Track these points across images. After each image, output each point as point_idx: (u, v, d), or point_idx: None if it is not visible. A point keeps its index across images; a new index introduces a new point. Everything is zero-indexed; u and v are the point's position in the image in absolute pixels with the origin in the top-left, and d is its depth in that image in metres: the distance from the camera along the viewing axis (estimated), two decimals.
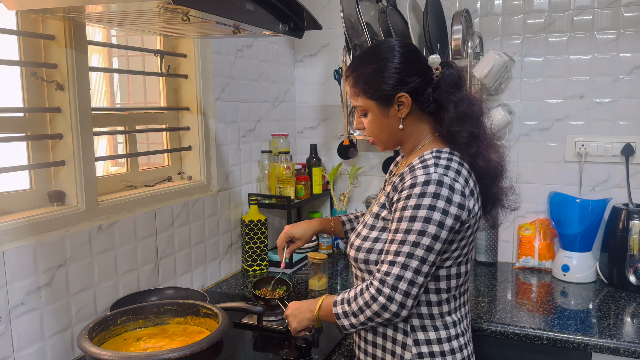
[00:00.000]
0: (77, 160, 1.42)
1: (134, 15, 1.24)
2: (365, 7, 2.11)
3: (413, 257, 1.12)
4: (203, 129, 1.91)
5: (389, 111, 1.23)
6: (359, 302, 1.16)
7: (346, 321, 1.19)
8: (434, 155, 1.20)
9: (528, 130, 2.20)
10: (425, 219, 1.12)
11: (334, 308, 1.21)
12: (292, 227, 1.51)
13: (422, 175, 1.15)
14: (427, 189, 1.13)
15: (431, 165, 1.17)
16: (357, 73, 1.24)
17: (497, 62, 2.01)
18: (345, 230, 1.57)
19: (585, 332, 1.54)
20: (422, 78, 1.21)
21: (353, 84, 1.25)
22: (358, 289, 1.18)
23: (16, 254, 1.24)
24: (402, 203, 1.16)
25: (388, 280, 1.12)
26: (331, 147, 2.55)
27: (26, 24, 1.34)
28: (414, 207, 1.13)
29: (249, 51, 2.17)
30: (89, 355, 1.12)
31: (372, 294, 1.14)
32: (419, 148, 1.27)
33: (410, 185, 1.15)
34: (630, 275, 1.88)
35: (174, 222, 1.77)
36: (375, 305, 1.13)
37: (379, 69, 1.21)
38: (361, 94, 1.24)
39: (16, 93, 1.36)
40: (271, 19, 1.44)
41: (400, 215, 1.15)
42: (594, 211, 2.00)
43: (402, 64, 1.21)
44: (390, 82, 1.20)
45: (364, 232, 1.28)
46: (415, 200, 1.13)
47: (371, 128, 1.27)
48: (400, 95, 1.20)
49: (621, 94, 2.05)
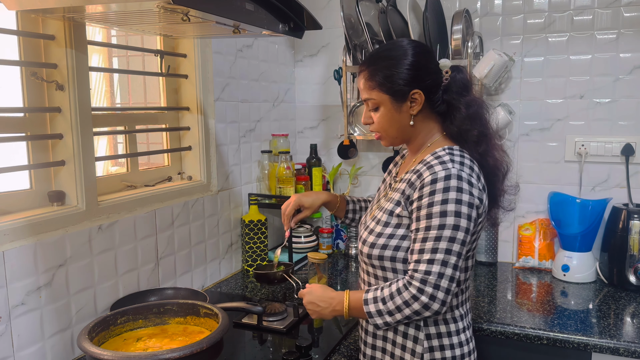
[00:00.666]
0: (77, 160, 1.42)
1: (134, 15, 1.24)
2: (365, 7, 2.11)
3: (451, 253, 1.14)
4: (203, 129, 1.91)
5: (401, 107, 1.26)
6: (397, 302, 1.16)
7: (380, 320, 1.19)
8: (447, 152, 1.23)
9: (528, 130, 2.20)
10: (456, 213, 1.15)
11: (365, 307, 1.20)
12: (302, 196, 1.50)
13: (442, 171, 1.17)
14: (449, 184, 1.16)
15: (447, 161, 1.20)
16: (374, 67, 1.26)
17: (497, 62, 2.01)
18: (347, 210, 1.57)
19: (585, 332, 1.54)
20: (434, 78, 1.26)
21: (368, 77, 1.27)
22: (394, 288, 1.18)
23: (16, 254, 1.24)
24: (426, 199, 1.17)
25: (430, 279, 1.13)
26: (331, 147, 2.55)
27: (26, 24, 1.34)
28: (442, 202, 1.15)
29: (249, 51, 2.17)
30: (89, 355, 1.12)
31: (413, 294, 1.14)
32: (427, 146, 1.30)
33: (431, 181, 1.17)
34: (630, 275, 1.88)
35: (174, 222, 1.77)
36: (417, 305, 1.14)
37: (396, 64, 1.24)
38: (376, 88, 1.26)
39: (16, 93, 1.36)
40: (271, 19, 1.44)
41: (429, 212, 1.16)
42: (594, 211, 2.00)
43: (418, 63, 1.24)
44: (406, 78, 1.23)
45: (377, 228, 1.28)
46: (441, 195, 1.16)
47: (381, 123, 1.29)
48: (415, 91, 1.24)
49: (621, 94, 2.05)
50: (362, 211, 1.59)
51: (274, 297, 1.88)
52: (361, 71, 1.30)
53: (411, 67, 1.23)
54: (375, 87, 1.26)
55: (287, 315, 1.65)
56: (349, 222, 1.60)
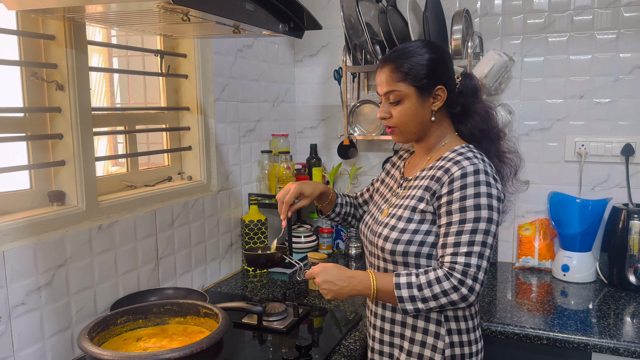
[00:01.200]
0: (77, 160, 1.42)
1: (134, 15, 1.24)
2: (365, 7, 2.11)
3: (486, 246, 1.18)
4: (203, 129, 1.91)
5: (425, 102, 1.28)
6: (435, 290, 1.17)
7: (411, 305, 1.18)
8: (468, 150, 1.27)
9: (528, 130, 2.20)
10: (489, 207, 1.18)
11: (397, 291, 1.19)
12: (302, 184, 1.47)
13: (470, 166, 1.21)
14: (479, 178, 1.19)
15: (472, 157, 1.23)
16: (402, 60, 1.28)
17: (497, 62, 2.01)
18: (336, 204, 1.55)
19: (585, 332, 1.54)
20: (453, 79, 1.32)
21: (395, 69, 1.28)
22: (432, 276, 1.18)
23: (16, 254, 1.24)
24: (458, 193, 1.20)
25: (470, 271, 1.16)
26: (331, 147, 2.55)
27: (26, 24, 1.34)
28: (474, 196, 1.18)
29: (249, 51, 2.17)
30: (89, 355, 1.12)
31: (454, 285, 1.16)
32: (442, 144, 1.33)
33: (461, 175, 1.20)
34: (630, 275, 1.88)
35: (174, 222, 1.77)
36: (456, 295, 1.16)
37: (423, 60, 1.27)
38: (403, 80, 1.27)
39: (16, 93, 1.36)
40: (271, 19, 1.44)
41: (462, 205, 1.19)
42: (594, 211, 2.00)
43: (442, 60, 1.30)
44: (432, 73, 1.27)
45: (400, 224, 1.28)
46: (473, 189, 1.19)
47: (403, 116, 1.30)
48: (439, 87, 1.27)
49: (621, 94, 2.05)
50: (347, 206, 1.58)
51: (274, 297, 1.88)
52: (385, 64, 1.30)
53: (436, 63, 1.27)
54: (402, 79, 1.27)
55: (287, 315, 1.65)
56: (334, 216, 1.57)
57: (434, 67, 1.27)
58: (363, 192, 1.63)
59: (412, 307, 1.19)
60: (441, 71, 1.29)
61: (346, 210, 1.58)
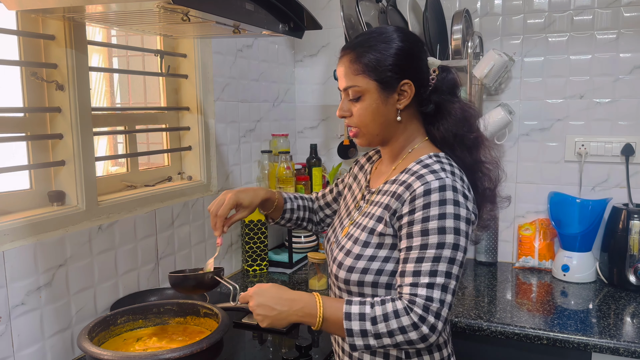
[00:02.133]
0: (77, 160, 1.42)
1: (134, 15, 1.24)
2: (365, 7, 2.11)
3: (451, 277, 1.01)
4: (203, 129, 1.91)
5: (388, 98, 1.11)
6: (392, 325, 0.99)
7: (361, 341, 1.00)
8: (435, 160, 1.10)
9: (528, 130, 2.19)
10: (455, 230, 1.01)
11: (346, 322, 1.01)
12: (238, 192, 1.24)
13: (435, 181, 1.03)
14: (445, 196, 1.02)
15: (439, 170, 1.06)
16: (362, 49, 1.10)
17: (497, 62, 2.01)
18: (285, 210, 1.37)
19: (585, 332, 1.54)
20: (425, 72, 1.14)
21: (354, 60, 1.11)
22: (389, 308, 1.00)
23: (16, 254, 1.24)
24: (420, 213, 1.03)
25: (432, 307, 0.99)
26: (331, 147, 2.55)
27: (26, 24, 1.34)
28: (439, 217, 1.01)
29: (249, 51, 2.17)
30: (89, 355, 1.12)
31: (414, 321, 0.98)
32: (408, 152, 1.16)
33: (424, 192, 1.03)
34: (630, 275, 1.88)
35: (174, 222, 1.77)
36: (415, 334, 0.98)
37: (387, 48, 1.09)
38: (363, 73, 1.10)
39: (16, 93, 1.36)
40: (271, 19, 1.44)
41: (424, 228, 1.02)
42: (594, 211, 2.00)
43: (410, 50, 1.11)
44: (398, 65, 1.09)
45: (355, 249, 1.12)
46: (438, 208, 1.02)
47: (363, 115, 1.12)
48: (405, 82, 1.10)
49: (621, 94, 2.05)
50: (300, 211, 1.41)
51: None
52: (345, 54, 1.13)
53: (403, 53, 1.09)
54: (361, 71, 1.10)
55: None
56: (284, 222, 1.40)
57: (400, 58, 1.09)
58: (325, 194, 1.45)
59: (363, 342, 1.00)
60: (410, 63, 1.10)
61: (298, 215, 1.41)
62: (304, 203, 1.43)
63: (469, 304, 1.77)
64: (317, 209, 1.46)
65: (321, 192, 1.47)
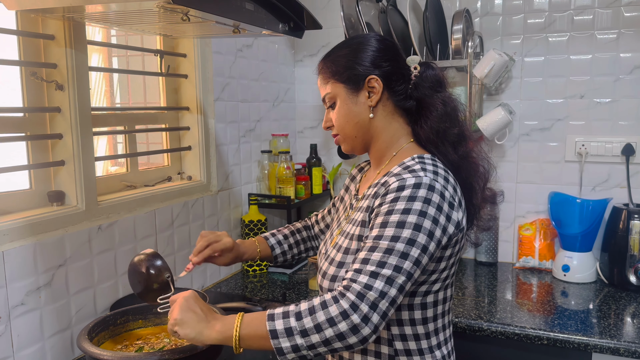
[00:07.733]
0: (76, 160, 1.42)
1: (133, 15, 1.24)
2: (365, 7, 2.11)
3: (400, 272, 0.93)
4: (203, 129, 1.91)
5: (357, 96, 1.11)
6: (319, 317, 0.90)
7: (287, 341, 0.90)
8: (418, 161, 1.06)
9: (528, 130, 2.19)
10: (416, 226, 0.95)
11: (269, 323, 0.92)
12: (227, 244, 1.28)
13: (412, 178, 1.00)
14: (417, 193, 0.98)
15: (418, 170, 1.02)
16: (329, 58, 1.14)
17: (497, 62, 2.01)
18: (275, 256, 1.38)
19: (586, 332, 1.54)
20: (396, 66, 1.12)
21: (323, 69, 1.15)
22: (316, 301, 0.93)
23: (16, 254, 1.24)
24: (387, 206, 0.98)
25: (369, 295, 0.90)
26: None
27: (26, 23, 1.34)
28: (403, 212, 0.96)
29: (249, 51, 2.17)
30: (89, 355, 1.12)
31: (344, 309, 0.89)
32: (393, 155, 1.13)
33: (397, 187, 0.99)
34: (631, 275, 1.88)
35: (174, 222, 1.77)
36: (344, 325, 0.89)
37: (353, 51, 1.11)
38: (331, 78, 1.12)
39: (16, 93, 1.36)
40: (271, 18, 1.44)
41: (385, 220, 0.97)
42: (594, 211, 2.00)
43: (377, 48, 1.12)
44: (362, 63, 1.10)
45: (337, 256, 1.09)
46: (405, 203, 0.97)
47: (339, 119, 1.13)
48: (371, 77, 1.09)
49: (621, 94, 2.05)
50: (293, 249, 1.41)
51: (274, 297, 1.88)
52: (318, 67, 1.17)
53: (367, 51, 1.10)
54: (329, 77, 1.13)
55: None
56: (279, 264, 1.41)
57: (364, 57, 1.10)
58: (325, 216, 1.43)
59: (290, 343, 0.90)
60: (374, 59, 1.10)
61: (293, 254, 1.40)
62: (295, 239, 1.42)
63: (469, 304, 1.77)
64: (317, 233, 1.45)
65: (320, 215, 1.45)
